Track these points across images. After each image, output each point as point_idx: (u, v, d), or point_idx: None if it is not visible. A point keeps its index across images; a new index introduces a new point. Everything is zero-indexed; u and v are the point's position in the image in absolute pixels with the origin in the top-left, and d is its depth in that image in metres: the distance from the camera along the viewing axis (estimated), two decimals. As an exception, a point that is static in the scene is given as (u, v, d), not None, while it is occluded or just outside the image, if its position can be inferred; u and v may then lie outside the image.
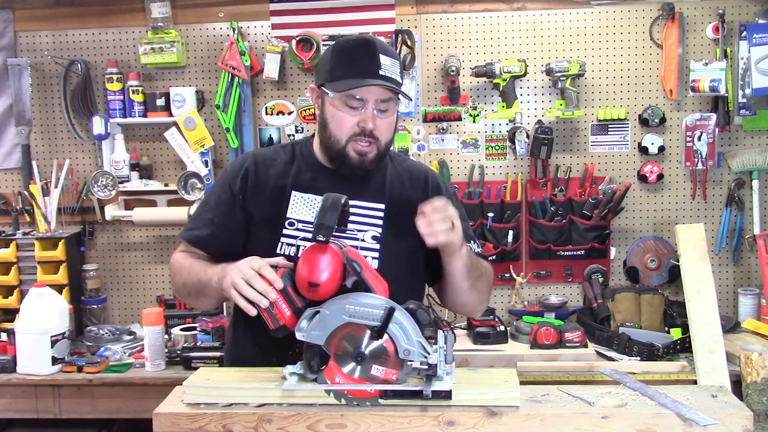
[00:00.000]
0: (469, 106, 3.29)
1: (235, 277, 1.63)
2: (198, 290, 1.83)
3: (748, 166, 3.19)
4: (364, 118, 1.79)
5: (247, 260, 1.66)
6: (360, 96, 1.78)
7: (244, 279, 1.61)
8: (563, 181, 3.26)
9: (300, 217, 1.86)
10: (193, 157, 3.26)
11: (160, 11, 3.25)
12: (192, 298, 1.91)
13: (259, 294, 1.59)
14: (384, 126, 1.82)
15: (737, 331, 3.00)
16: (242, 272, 1.62)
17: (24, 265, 3.19)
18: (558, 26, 3.25)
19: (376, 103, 1.79)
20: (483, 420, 1.50)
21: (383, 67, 1.77)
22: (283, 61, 3.28)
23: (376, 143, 1.82)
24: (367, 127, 1.79)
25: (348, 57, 1.81)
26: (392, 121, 1.85)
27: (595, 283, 3.19)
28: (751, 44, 3.09)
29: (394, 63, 1.81)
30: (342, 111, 1.80)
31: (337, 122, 1.82)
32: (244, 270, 1.63)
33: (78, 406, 2.84)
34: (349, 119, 1.80)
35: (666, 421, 1.49)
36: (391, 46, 1.89)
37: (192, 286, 1.85)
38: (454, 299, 1.91)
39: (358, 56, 1.80)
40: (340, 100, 1.80)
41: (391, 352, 1.51)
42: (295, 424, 1.52)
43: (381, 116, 1.81)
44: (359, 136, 1.80)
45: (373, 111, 1.79)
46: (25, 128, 3.35)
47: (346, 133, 1.81)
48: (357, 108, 1.79)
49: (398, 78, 1.82)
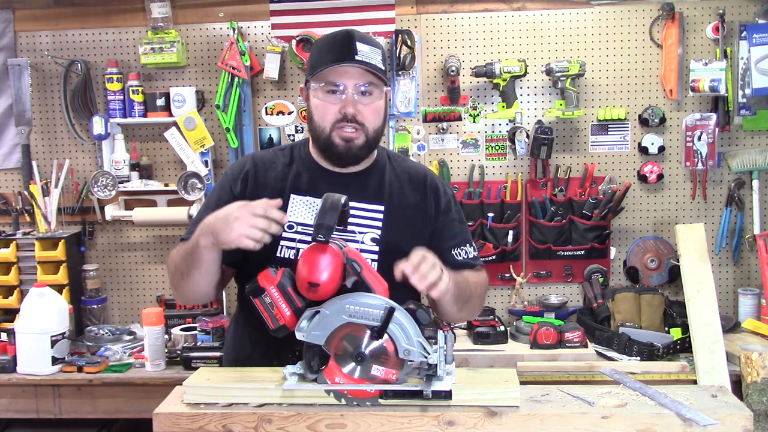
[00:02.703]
0: (469, 106, 3.29)
1: (242, 228, 1.60)
2: (188, 262, 1.76)
3: (748, 166, 3.19)
4: (344, 104, 1.80)
5: (236, 207, 1.64)
6: (339, 82, 1.80)
7: (253, 226, 1.60)
8: (563, 181, 3.26)
9: (299, 220, 1.86)
10: (193, 157, 3.26)
11: (160, 11, 3.25)
12: (184, 281, 1.81)
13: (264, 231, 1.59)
14: (368, 112, 1.82)
15: (737, 331, 3.00)
16: (247, 219, 1.60)
17: (24, 265, 3.19)
18: (558, 26, 3.25)
19: (355, 88, 1.80)
20: (483, 420, 1.50)
21: (360, 53, 1.78)
22: (283, 61, 3.28)
23: (362, 129, 1.82)
24: (348, 111, 1.80)
25: (326, 48, 1.84)
26: (377, 107, 1.85)
27: (595, 283, 3.20)
28: (751, 44, 3.09)
29: (374, 51, 1.82)
30: (323, 100, 1.82)
31: (320, 112, 1.83)
32: (247, 218, 1.61)
33: (78, 406, 2.84)
34: (330, 107, 1.82)
35: (666, 421, 1.49)
36: (373, 38, 1.90)
37: (182, 263, 1.79)
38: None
39: (334, 45, 1.82)
40: (322, 89, 1.82)
41: (391, 352, 1.51)
42: (295, 424, 1.52)
43: (363, 101, 1.82)
44: (342, 122, 1.81)
45: (353, 96, 1.80)
46: (25, 128, 3.35)
47: (329, 121, 1.82)
48: (337, 94, 1.81)
49: (378, 64, 1.81)
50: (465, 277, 1.87)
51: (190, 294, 1.88)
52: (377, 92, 1.83)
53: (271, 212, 1.62)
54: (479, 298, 1.94)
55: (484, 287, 1.97)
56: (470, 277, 1.90)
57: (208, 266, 1.75)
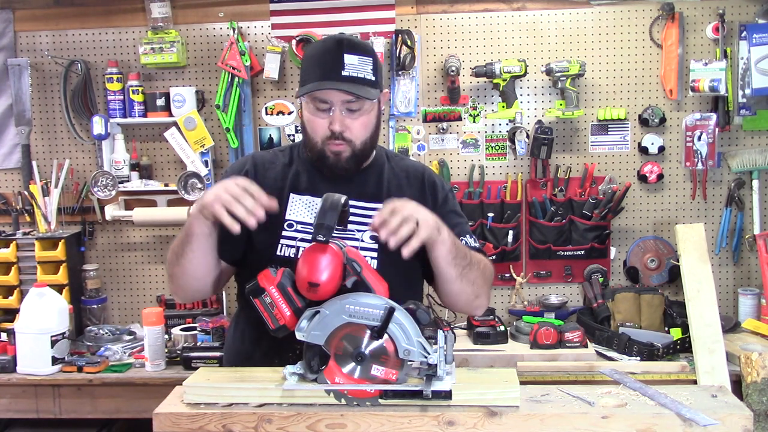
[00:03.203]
0: (469, 106, 3.29)
1: (220, 192, 1.59)
2: (183, 245, 1.74)
3: (748, 166, 3.19)
4: (332, 120, 1.80)
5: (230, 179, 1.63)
6: (326, 99, 1.79)
7: (231, 194, 1.59)
8: (563, 181, 3.26)
9: (299, 219, 1.86)
10: (193, 157, 3.26)
11: (160, 11, 3.25)
12: (179, 264, 1.77)
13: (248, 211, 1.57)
14: (356, 126, 1.82)
15: (737, 331, 3.00)
16: (228, 189, 1.60)
17: (24, 265, 3.19)
18: (558, 26, 3.25)
19: (341, 105, 1.79)
20: (483, 420, 1.50)
21: (347, 67, 1.77)
22: (283, 61, 3.28)
23: (350, 144, 1.82)
24: (335, 129, 1.80)
25: (314, 60, 1.83)
26: (366, 120, 1.83)
27: (595, 283, 3.20)
28: (751, 44, 3.09)
29: (364, 60, 1.79)
30: (313, 115, 1.82)
31: (311, 126, 1.84)
32: (230, 187, 1.60)
33: (78, 406, 2.84)
34: (320, 122, 1.81)
35: (666, 421, 1.49)
36: (364, 44, 1.88)
37: (178, 244, 1.77)
38: (446, 290, 1.84)
39: (322, 58, 1.80)
40: (311, 104, 1.82)
41: (391, 352, 1.51)
42: (295, 424, 1.52)
43: (351, 117, 1.81)
44: (331, 139, 1.81)
45: (340, 113, 1.79)
46: (25, 128, 3.35)
47: (320, 136, 1.82)
48: (325, 110, 1.80)
49: (367, 75, 1.79)
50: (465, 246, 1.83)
51: (183, 282, 1.83)
52: (367, 104, 1.82)
53: (261, 196, 1.61)
54: (481, 276, 1.85)
55: (487, 267, 1.91)
56: (471, 251, 1.84)
57: (199, 242, 1.72)
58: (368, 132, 1.86)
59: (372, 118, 1.86)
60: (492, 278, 1.96)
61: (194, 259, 1.76)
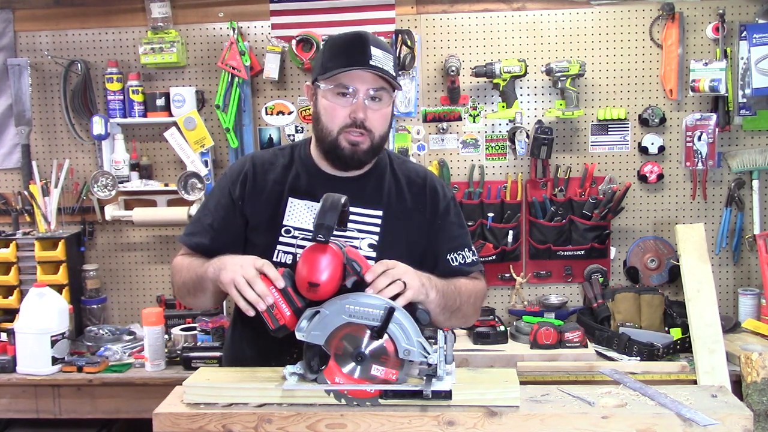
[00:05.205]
0: (469, 106, 3.29)
1: (236, 275, 1.61)
2: (196, 285, 1.81)
3: (748, 166, 3.19)
4: (355, 108, 1.77)
5: (251, 259, 1.64)
6: (350, 85, 1.77)
7: (245, 278, 1.60)
8: (563, 181, 3.26)
9: (297, 225, 1.85)
10: (193, 157, 3.26)
11: (160, 11, 3.25)
12: (191, 297, 1.87)
13: (258, 297, 1.58)
14: (377, 118, 1.80)
15: (737, 331, 3.00)
16: (244, 270, 1.61)
17: (24, 265, 3.19)
18: (558, 26, 3.25)
19: (366, 93, 1.77)
20: (483, 420, 1.50)
21: (374, 58, 1.76)
22: (283, 61, 3.28)
23: (369, 135, 1.80)
24: (358, 117, 1.77)
25: (339, 49, 1.81)
26: (386, 113, 1.83)
27: (595, 283, 3.19)
28: (751, 44, 3.09)
29: (387, 56, 1.79)
30: (333, 102, 1.79)
31: (329, 114, 1.80)
32: (246, 269, 1.61)
33: (78, 406, 2.84)
34: (340, 110, 1.78)
35: (666, 421, 1.49)
36: (385, 43, 1.88)
37: (190, 282, 1.83)
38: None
39: (348, 48, 1.79)
40: (332, 91, 1.79)
41: (391, 352, 1.51)
42: (295, 424, 1.52)
43: (373, 107, 1.79)
44: (351, 128, 1.78)
45: (364, 101, 1.77)
46: (25, 128, 3.35)
47: (338, 125, 1.79)
48: (348, 98, 1.78)
49: (391, 70, 1.79)
50: (456, 286, 1.82)
51: (193, 306, 1.99)
52: (387, 98, 1.81)
53: (268, 270, 1.60)
54: (471, 307, 1.88)
55: (478, 296, 1.92)
56: (462, 286, 1.85)
57: (214, 294, 1.79)
58: (386, 126, 1.84)
59: (390, 113, 1.85)
60: (483, 297, 1.97)
61: (205, 299, 1.86)
